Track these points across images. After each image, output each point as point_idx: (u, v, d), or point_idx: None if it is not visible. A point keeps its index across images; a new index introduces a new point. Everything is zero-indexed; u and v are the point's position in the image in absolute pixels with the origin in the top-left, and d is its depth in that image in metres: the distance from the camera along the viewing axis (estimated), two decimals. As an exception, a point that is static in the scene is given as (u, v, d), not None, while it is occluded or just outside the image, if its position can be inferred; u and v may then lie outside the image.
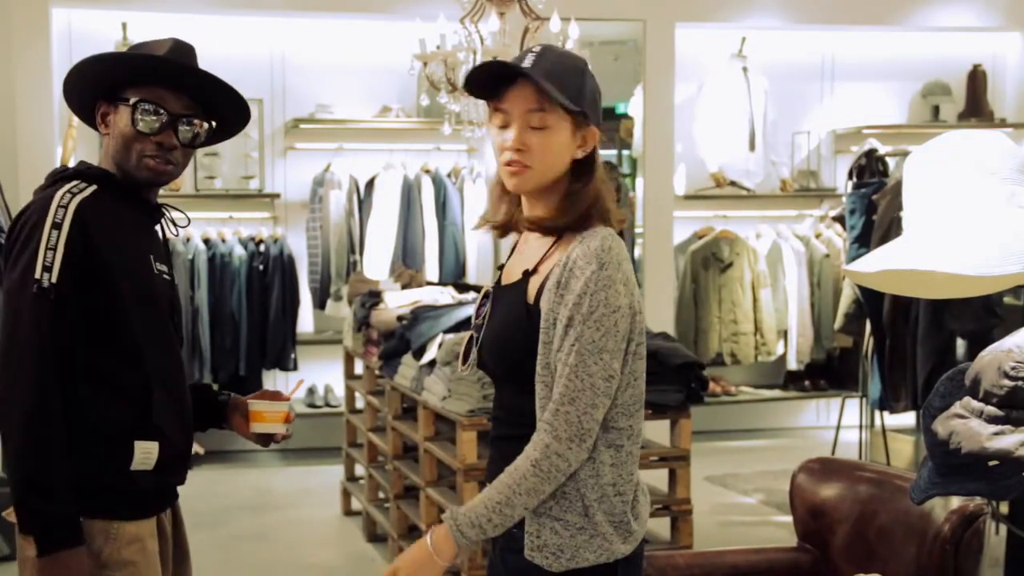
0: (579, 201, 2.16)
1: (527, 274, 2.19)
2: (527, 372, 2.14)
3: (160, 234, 2.45)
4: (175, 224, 2.48)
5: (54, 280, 2.19)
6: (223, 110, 2.44)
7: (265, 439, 2.53)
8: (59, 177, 2.34)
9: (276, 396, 2.54)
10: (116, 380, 2.28)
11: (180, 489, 2.49)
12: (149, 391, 2.31)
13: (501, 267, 2.33)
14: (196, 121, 2.37)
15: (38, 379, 2.17)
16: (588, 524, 2.12)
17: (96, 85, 2.39)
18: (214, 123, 2.42)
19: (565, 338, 2.09)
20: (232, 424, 2.56)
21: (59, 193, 2.25)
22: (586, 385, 2.08)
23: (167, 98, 2.32)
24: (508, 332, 2.19)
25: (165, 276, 2.42)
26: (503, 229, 2.29)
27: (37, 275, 2.18)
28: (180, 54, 2.36)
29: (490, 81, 2.16)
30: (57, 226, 2.21)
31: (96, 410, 2.26)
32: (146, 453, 2.30)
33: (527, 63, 2.11)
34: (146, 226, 2.41)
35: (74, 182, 2.30)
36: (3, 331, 2.21)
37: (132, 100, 2.31)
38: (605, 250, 2.10)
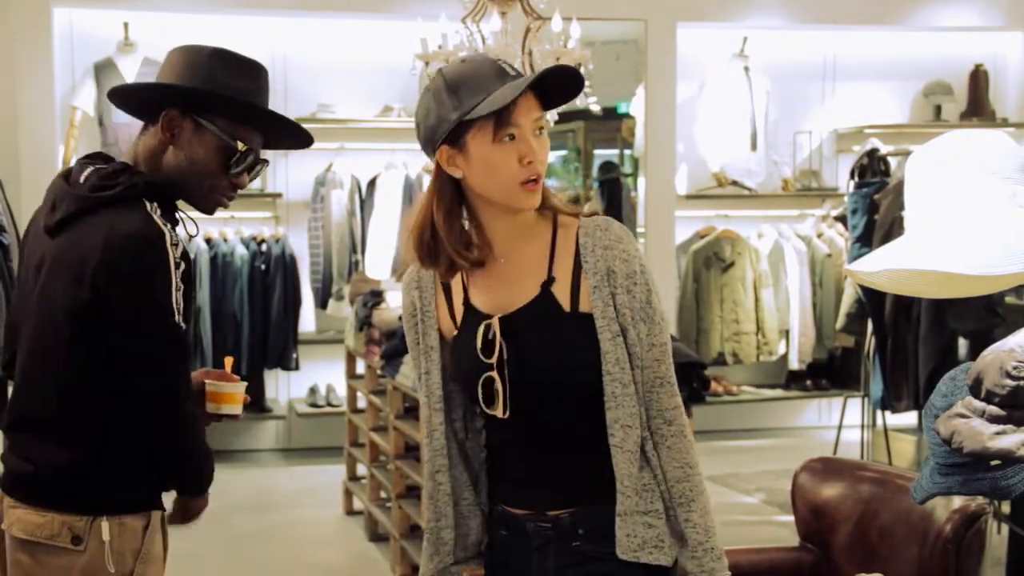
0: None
1: (547, 285, 2.08)
2: (587, 384, 2.05)
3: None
4: (190, 226, 2.41)
5: (180, 319, 2.20)
6: (282, 142, 2.46)
7: (216, 419, 2.49)
8: (128, 192, 2.21)
9: (222, 377, 2.47)
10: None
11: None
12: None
13: (465, 302, 2.13)
14: (263, 163, 2.38)
15: (193, 416, 2.33)
16: (667, 510, 2.09)
17: (171, 98, 2.28)
18: (268, 161, 2.43)
19: (647, 322, 2.05)
20: None
21: (164, 230, 2.18)
22: (671, 363, 2.09)
23: (255, 139, 2.31)
24: (559, 351, 2.07)
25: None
26: (465, 265, 2.09)
27: (177, 319, 2.18)
28: (267, 90, 2.34)
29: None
30: (177, 266, 2.18)
31: (139, 433, 2.29)
32: None
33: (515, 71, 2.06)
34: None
35: (154, 204, 2.22)
36: (159, 380, 2.22)
37: (236, 144, 2.27)
38: (624, 230, 2.08)
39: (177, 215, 2.36)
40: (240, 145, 2.27)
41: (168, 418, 2.25)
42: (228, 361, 2.59)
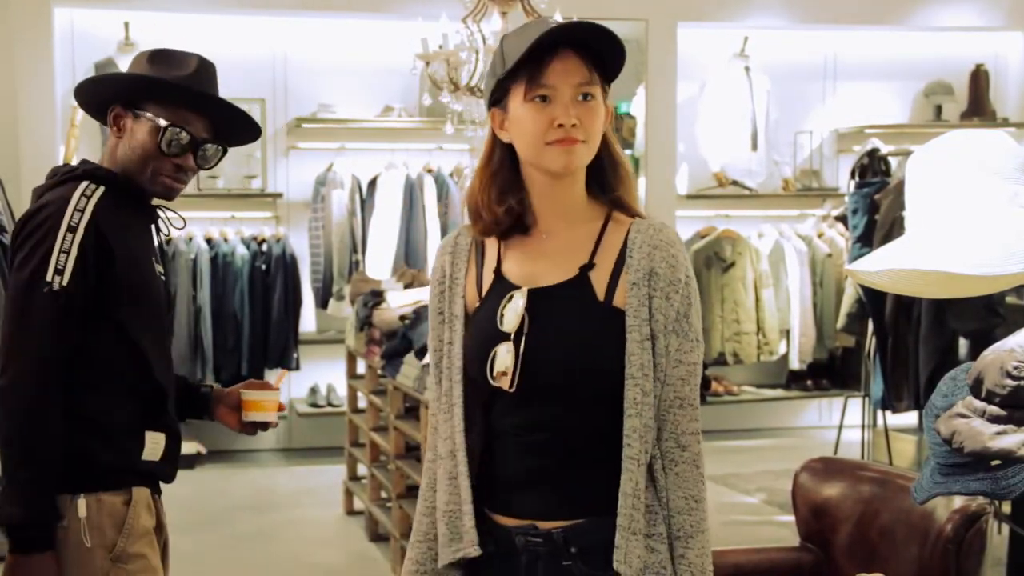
0: (622, 172, 2.03)
1: (585, 269, 1.98)
2: (605, 382, 1.94)
3: (155, 234, 2.50)
4: (171, 224, 2.51)
5: (64, 283, 2.22)
6: (235, 132, 2.50)
7: (254, 427, 2.54)
8: (66, 176, 2.36)
9: (264, 386, 2.54)
10: (124, 377, 2.35)
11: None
12: (155, 386, 2.39)
13: (496, 270, 2.04)
14: (212, 147, 2.42)
15: (38, 379, 2.22)
16: (668, 535, 1.97)
17: (116, 94, 2.42)
18: (227, 147, 2.48)
19: (680, 336, 1.95)
20: (216, 415, 2.59)
21: (75, 195, 2.27)
22: (698, 380, 1.99)
23: (191, 121, 2.37)
24: (583, 338, 1.95)
25: (161, 276, 2.48)
26: (498, 229, 2.03)
27: (48, 277, 2.22)
28: (205, 76, 2.40)
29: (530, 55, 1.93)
30: (72, 229, 2.24)
31: (106, 405, 2.32)
32: (155, 443, 2.38)
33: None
34: (146, 227, 2.46)
35: (85, 183, 2.32)
36: (7, 328, 2.24)
37: (161, 122, 2.34)
38: (679, 238, 2.01)
39: (161, 212, 2.48)
40: (162, 121, 2.34)
41: (5, 388, 2.22)
42: (282, 373, 2.75)
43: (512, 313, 1.96)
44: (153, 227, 2.48)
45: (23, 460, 2.20)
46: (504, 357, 1.95)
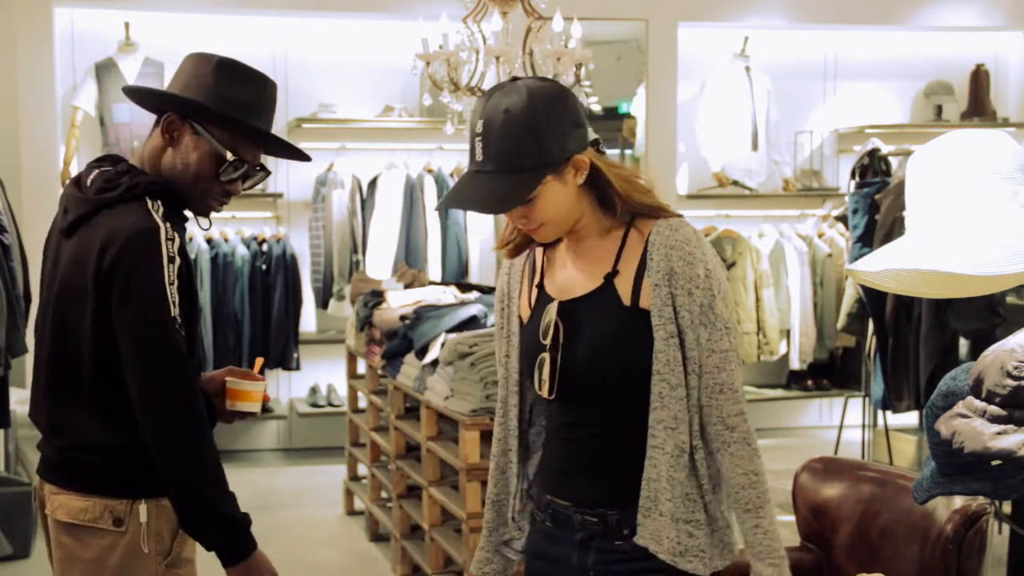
0: (619, 188, 2.10)
1: (610, 277, 2.11)
2: (636, 380, 2.08)
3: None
4: (199, 224, 2.51)
5: (177, 313, 2.25)
6: (282, 153, 2.53)
7: (234, 416, 2.54)
8: (129, 193, 2.29)
9: (247, 375, 2.52)
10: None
11: None
12: (203, 393, 2.43)
13: (539, 285, 2.21)
14: (261, 173, 2.44)
15: (198, 413, 2.29)
16: (710, 522, 2.12)
17: (173, 104, 2.37)
18: (270, 172, 2.49)
19: (707, 327, 2.06)
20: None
21: (160, 224, 2.25)
22: (736, 364, 2.10)
23: (249, 150, 2.39)
24: (613, 343, 2.09)
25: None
26: (520, 247, 2.24)
27: (173, 314, 2.23)
28: (270, 104, 2.43)
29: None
30: (172, 260, 2.24)
31: (209, 427, 2.37)
32: None
33: (478, 155, 2.01)
34: (183, 232, 2.41)
35: (150, 200, 2.29)
36: (152, 371, 2.24)
37: (228, 156, 2.33)
38: (694, 231, 2.09)
39: (186, 213, 2.44)
40: (229, 155, 2.34)
41: (164, 424, 2.26)
42: (258, 361, 2.69)
43: (545, 326, 2.14)
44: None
45: (214, 486, 2.30)
46: (544, 367, 2.14)
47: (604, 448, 2.14)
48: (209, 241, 7.22)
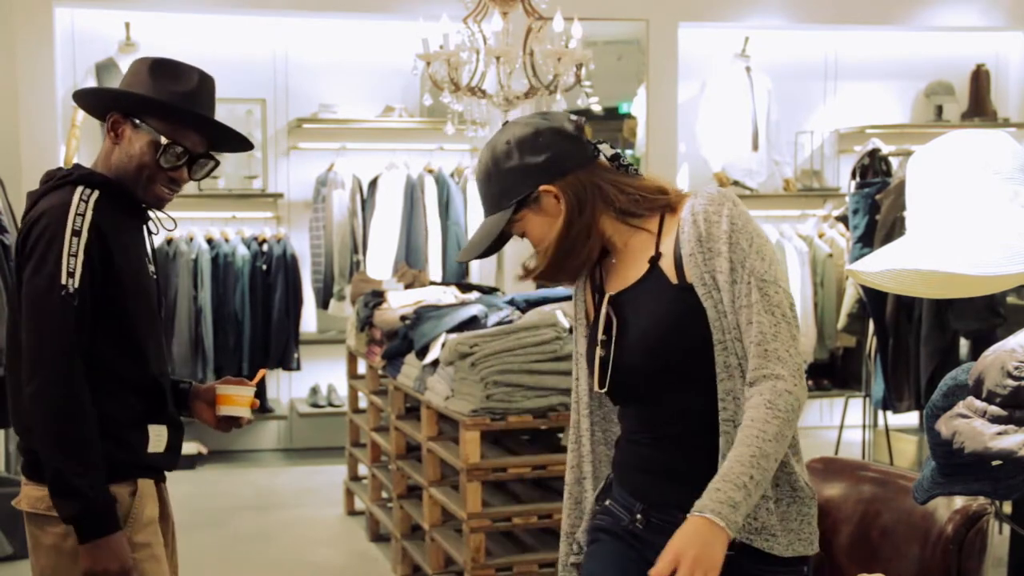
0: (631, 196, 2.15)
1: (654, 261, 2.13)
2: (698, 357, 2.05)
3: (147, 235, 2.57)
4: (162, 225, 2.58)
5: (77, 286, 2.30)
6: (229, 144, 2.60)
7: (228, 424, 2.60)
8: (61, 181, 2.42)
9: (240, 383, 2.60)
10: (126, 374, 2.43)
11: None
12: (154, 381, 2.48)
13: (599, 291, 2.24)
14: (210, 161, 2.51)
15: (67, 379, 2.30)
16: (797, 496, 2.09)
17: (116, 104, 2.48)
18: (218, 161, 2.56)
19: (737, 283, 2.02)
20: (193, 411, 2.65)
21: (75, 200, 2.34)
22: (778, 317, 2.01)
23: (188, 136, 2.45)
24: (666, 323, 2.08)
25: (153, 275, 2.55)
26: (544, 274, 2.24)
27: (63, 281, 2.29)
28: (205, 92, 2.48)
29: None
30: (76, 233, 2.31)
31: (111, 402, 2.39)
32: (158, 436, 2.48)
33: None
34: (138, 229, 2.52)
35: (81, 187, 2.38)
36: (31, 335, 2.32)
37: (162, 140, 2.41)
38: (721, 193, 2.09)
39: (152, 214, 2.55)
40: (163, 139, 2.41)
41: (33, 388, 2.31)
42: (260, 373, 2.78)
43: (601, 320, 2.18)
44: (145, 229, 2.55)
45: (69, 455, 2.29)
46: (595, 361, 2.16)
47: (673, 446, 2.12)
48: (210, 241, 7.22)
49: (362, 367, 6.12)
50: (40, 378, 2.30)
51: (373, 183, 7.52)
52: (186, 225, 7.17)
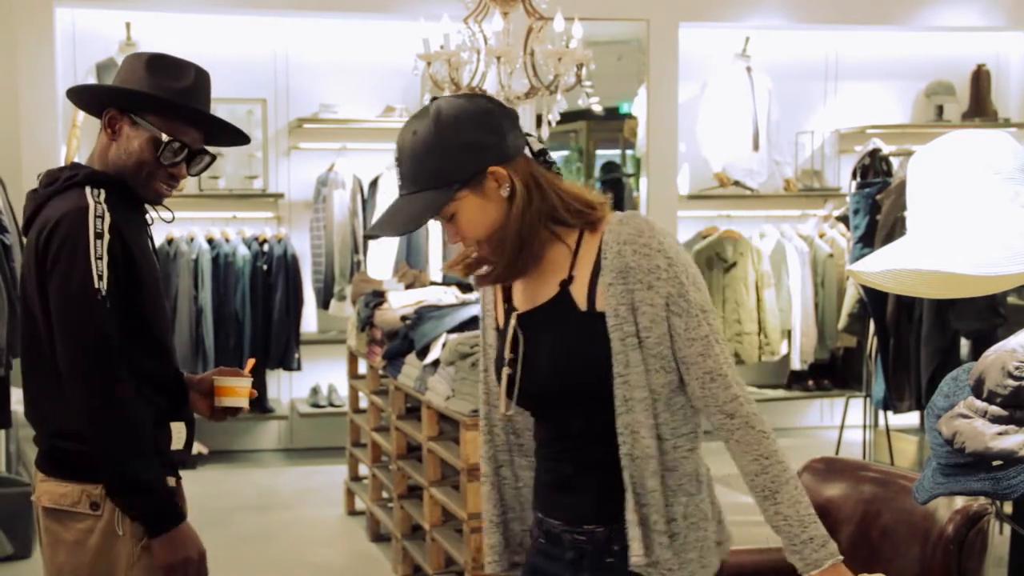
0: (558, 209, 2.05)
1: (565, 284, 2.06)
2: (597, 387, 2.01)
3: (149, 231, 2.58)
4: (161, 217, 2.60)
5: (107, 288, 2.31)
6: (226, 139, 2.60)
7: (224, 414, 2.62)
8: (69, 183, 2.41)
9: (236, 373, 2.62)
10: (151, 372, 2.44)
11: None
12: (175, 378, 2.52)
13: (507, 300, 2.18)
14: (206, 157, 2.52)
15: (117, 382, 2.32)
16: (693, 524, 2.08)
17: (114, 100, 2.48)
18: (217, 156, 2.58)
19: (681, 316, 1.98)
20: (189, 402, 2.65)
21: (90, 202, 2.34)
22: (723, 344, 2.01)
23: (186, 132, 2.45)
24: (570, 350, 2.04)
25: (157, 270, 2.56)
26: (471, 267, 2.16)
27: (96, 285, 2.30)
28: (202, 87, 2.48)
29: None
30: (99, 235, 2.32)
31: (139, 400, 2.40)
32: (179, 433, 2.52)
33: (398, 180, 2.04)
34: (142, 224, 2.53)
35: (91, 188, 2.38)
36: (70, 345, 2.32)
37: (163, 137, 2.41)
38: (648, 223, 2.02)
39: (149, 208, 2.56)
40: (164, 136, 2.42)
41: (85, 395, 2.32)
42: (250, 362, 2.78)
43: (508, 338, 2.12)
44: (147, 226, 2.56)
45: (134, 455, 2.33)
46: (504, 379, 2.11)
47: (582, 461, 2.08)
48: (210, 241, 7.22)
49: (363, 367, 6.12)
50: (91, 386, 2.30)
51: (374, 183, 7.53)
52: (187, 225, 7.17)
